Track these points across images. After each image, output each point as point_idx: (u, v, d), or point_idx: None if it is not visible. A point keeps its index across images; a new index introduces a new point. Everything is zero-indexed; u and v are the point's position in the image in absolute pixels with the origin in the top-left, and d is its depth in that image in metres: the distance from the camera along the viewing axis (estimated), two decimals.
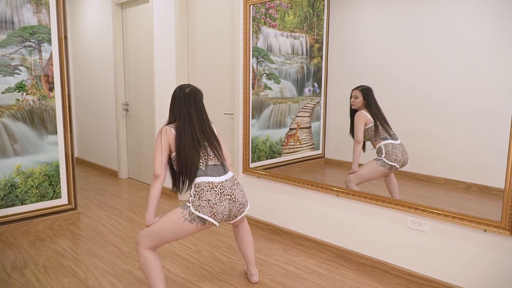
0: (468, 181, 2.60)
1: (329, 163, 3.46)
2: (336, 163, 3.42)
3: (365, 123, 2.93)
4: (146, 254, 2.13)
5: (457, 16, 2.61)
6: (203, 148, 2.19)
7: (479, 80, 2.51)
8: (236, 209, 2.19)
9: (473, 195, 2.58)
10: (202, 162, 2.16)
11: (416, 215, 2.49)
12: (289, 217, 3.27)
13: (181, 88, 2.27)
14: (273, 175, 3.32)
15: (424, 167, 2.83)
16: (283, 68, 3.44)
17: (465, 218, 2.27)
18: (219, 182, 2.15)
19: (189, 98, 2.23)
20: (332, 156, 3.45)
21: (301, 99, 3.46)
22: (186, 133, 2.17)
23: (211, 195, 2.10)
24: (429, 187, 2.79)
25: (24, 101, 3.28)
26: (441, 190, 2.73)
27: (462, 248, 2.33)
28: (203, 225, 2.11)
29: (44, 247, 3.06)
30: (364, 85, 2.94)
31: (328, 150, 3.46)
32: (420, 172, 2.85)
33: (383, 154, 2.84)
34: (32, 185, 3.37)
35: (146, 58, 4.68)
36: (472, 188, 2.58)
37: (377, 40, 3.02)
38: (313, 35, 3.40)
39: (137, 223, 3.58)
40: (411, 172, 2.89)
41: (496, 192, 2.33)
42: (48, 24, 3.32)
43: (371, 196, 2.71)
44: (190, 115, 2.21)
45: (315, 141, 3.51)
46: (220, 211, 2.11)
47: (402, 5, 2.86)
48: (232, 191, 2.17)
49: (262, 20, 3.36)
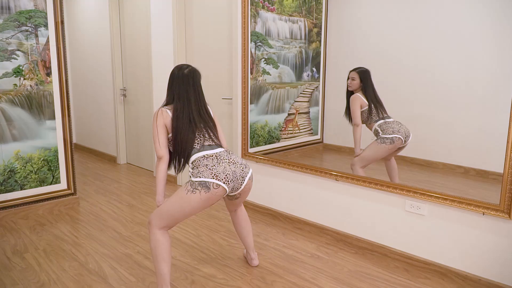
0: (467, 165, 2.62)
1: (328, 148, 3.47)
2: (335, 148, 3.44)
3: (360, 105, 2.93)
4: (157, 234, 2.11)
5: (457, 1, 2.59)
6: (199, 130, 2.19)
7: (478, 65, 2.50)
8: (239, 169, 2.16)
9: (472, 179, 2.60)
10: (198, 143, 2.17)
11: (414, 198, 2.50)
12: (288, 201, 3.29)
13: (179, 69, 2.25)
14: (272, 160, 3.32)
15: (423, 152, 2.84)
16: (281, 52, 3.42)
17: (464, 201, 2.29)
18: (214, 152, 2.16)
19: (188, 79, 2.21)
20: (330, 141, 3.46)
21: (300, 84, 3.45)
22: (184, 115, 2.17)
23: (208, 161, 2.11)
24: (428, 171, 2.81)
25: (22, 86, 3.26)
26: (439, 175, 2.74)
27: (461, 231, 2.35)
28: (207, 191, 2.05)
29: (44, 231, 3.07)
30: (362, 67, 2.92)
31: (327, 136, 3.46)
32: (419, 157, 2.86)
33: (380, 132, 2.85)
34: (31, 170, 3.36)
35: (143, 42, 4.64)
36: (471, 172, 2.60)
37: (376, 24, 3.00)
38: (312, 19, 3.37)
39: (136, 208, 3.60)
40: (410, 157, 2.90)
41: (495, 177, 2.35)
42: (44, 9, 3.27)
43: (370, 180, 2.72)
44: (189, 96, 2.20)
45: (314, 127, 3.51)
46: (221, 170, 2.09)
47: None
48: (229, 156, 2.18)
49: (260, 4, 3.32)
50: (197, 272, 2.49)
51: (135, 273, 2.46)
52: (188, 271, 2.49)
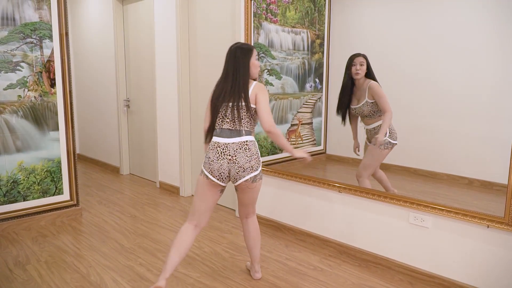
0: (471, 176, 2.61)
1: (331, 159, 3.48)
2: (338, 159, 3.44)
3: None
4: (182, 226, 2.32)
5: (460, 11, 2.60)
6: (224, 108, 2.23)
7: (482, 75, 2.50)
8: (235, 171, 2.20)
9: (476, 190, 2.59)
10: (218, 124, 2.25)
11: (418, 211, 2.48)
12: (291, 213, 3.27)
13: (231, 45, 2.31)
14: (274, 171, 3.31)
15: (426, 163, 2.84)
16: (284, 64, 3.43)
17: (468, 214, 2.27)
18: (224, 143, 2.21)
19: (231, 54, 2.26)
20: (333, 152, 3.47)
21: (303, 95, 3.46)
22: (217, 88, 2.27)
23: (212, 152, 2.23)
24: (432, 182, 2.80)
25: (26, 98, 3.28)
26: (443, 186, 2.74)
27: (465, 244, 2.32)
28: (207, 178, 2.25)
29: (46, 243, 3.07)
30: (360, 52, 2.85)
31: (330, 146, 3.47)
32: (422, 167, 2.86)
33: (387, 133, 2.75)
34: (34, 181, 3.37)
35: (147, 53, 4.67)
36: (475, 183, 2.59)
37: (379, 35, 3.02)
38: (315, 31, 3.39)
39: (139, 219, 3.59)
40: (413, 167, 2.91)
41: (499, 188, 2.32)
42: (49, 21, 3.31)
43: (373, 192, 2.70)
44: (227, 71, 2.25)
45: (317, 137, 3.52)
46: (216, 168, 2.21)
47: (404, 0, 2.85)
48: (235, 153, 2.20)
49: (263, 16, 3.34)
50: (199, 285, 2.46)
51: (137, 285, 2.45)
52: (190, 284, 2.47)
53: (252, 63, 2.26)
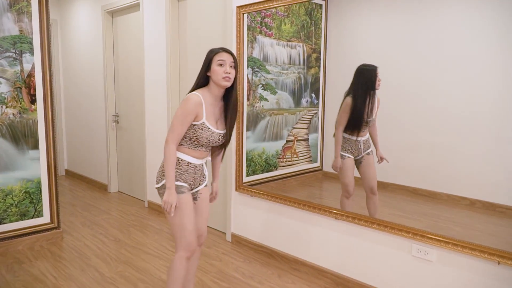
0: (472, 197, 2.47)
1: (327, 176, 3.33)
2: (335, 177, 3.27)
3: None
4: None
5: (458, 24, 2.49)
6: None
7: (483, 90, 2.38)
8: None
9: (478, 212, 2.45)
10: None
11: (422, 242, 2.29)
12: (284, 239, 3.07)
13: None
14: (267, 194, 3.13)
15: (426, 182, 2.71)
16: (279, 78, 3.34)
17: (476, 249, 2.08)
18: None
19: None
20: (330, 169, 3.28)
21: (298, 110, 3.36)
22: None
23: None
24: (432, 203, 2.66)
25: (4, 115, 3.09)
26: (444, 207, 2.60)
27: (473, 281, 2.13)
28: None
29: (22, 271, 2.85)
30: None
31: (326, 163, 3.32)
32: (422, 187, 2.72)
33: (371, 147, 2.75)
34: (12, 203, 3.16)
35: (136, 68, 4.50)
36: (477, 204, 2.45)
37: (376, 49, 2.91)
38: (311, 45, 3.30)
39: (123, 243, 3.38)
40: (412, 187, 2.77)
41: (502, 210, 2.23)
42: (30, 34, 3.13)
43: (372, 220, 2.52)
44: None
45: (313, 154, 3.40)
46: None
47: (401, 14, 2.76)
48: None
49: (258, 29, 3.23)
50: None
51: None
52: None
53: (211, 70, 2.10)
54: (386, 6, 2.78)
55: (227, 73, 2.04)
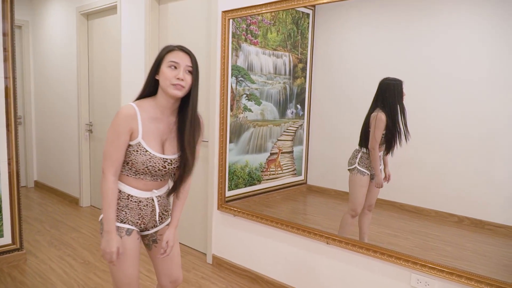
0: (461, 214, 2.47)
1: (312, 190, 3.28)
2: (319, 190, 3.25)
3: None
4: None
5: (449, 39, 2.44)
6: None
7: (473, 107, 2.37)
8: None
9: (466, 229, 2.44)
10: None
11: (422, 272, 2.18)
12: (270, 263, 2.91)
13: None
14: (252, 214, 2.98)
15: (414, 198, 2.70)
16: (264, 88, 3.26)
17: (483, 281, 1.96)
18: None
19: None
20: (315, 183, 3.28)
21: (283, 122, 3.30)
22: None
23: None
24: (419, 220, 2.65)
25: None
26: (431, 224, 2.59)
27: None
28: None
29: None
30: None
31: (311, 177, 3.28)
32: (409, 203, 2.71)
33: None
34: None
35: (113, 74, 4.31)
36: (465, 221, 2.44)
37: (364, 61, 2.87)
38: (297, 54, 3.23)
39: (92, 266, 3.12)
40: (399, 202, 2.75)
41: (490, 227, 2.23)
42: None
43: (367, 247, 2.38)
44: None
45: (297, 167, 3.33)
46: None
47: (390, 26, 2.73)
48: None
49: (243, 37, 3.13)
50: None
51: None
52: None
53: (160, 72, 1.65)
54: (375, 16, 2.74)
55: (179, 79, 1.57)
